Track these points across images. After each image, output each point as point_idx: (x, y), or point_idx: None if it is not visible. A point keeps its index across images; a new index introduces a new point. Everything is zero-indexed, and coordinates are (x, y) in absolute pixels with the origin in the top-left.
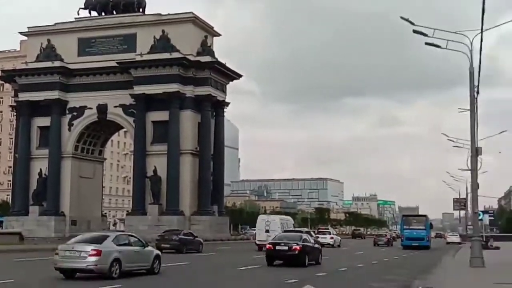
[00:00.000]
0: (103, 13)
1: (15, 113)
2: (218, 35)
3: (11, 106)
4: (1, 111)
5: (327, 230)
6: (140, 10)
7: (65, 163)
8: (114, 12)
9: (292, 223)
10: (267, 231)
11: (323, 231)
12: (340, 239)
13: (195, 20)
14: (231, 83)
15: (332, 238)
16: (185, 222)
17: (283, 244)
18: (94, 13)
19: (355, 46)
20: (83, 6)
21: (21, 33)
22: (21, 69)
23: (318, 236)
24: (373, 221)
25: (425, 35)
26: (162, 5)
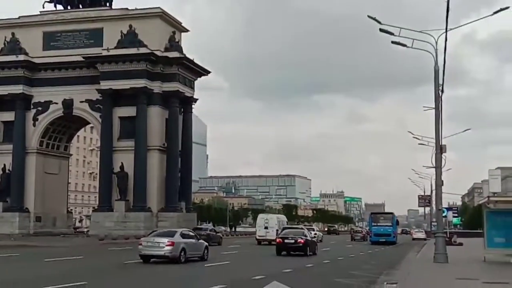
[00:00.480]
0: (69, 7)
1: None
2: (186, 30)
3: None
4: None
5: (311, 227)
6: (107, 4)
7: (29, 158)
8: (81, 6)
9: (286, 221)
10: (266, 228)
11: (308, 228)
12: (322, 235)
13: (162, 15)
14: (199, 79)
15: (316, 234)
16: (152, 219)
17: (290, 238)
18: (60, 7)
19: (324, 44)
20: (48, 0)
21: None
22: None
23: None
24: (340, 217)
25: (392, 34)
26: None
